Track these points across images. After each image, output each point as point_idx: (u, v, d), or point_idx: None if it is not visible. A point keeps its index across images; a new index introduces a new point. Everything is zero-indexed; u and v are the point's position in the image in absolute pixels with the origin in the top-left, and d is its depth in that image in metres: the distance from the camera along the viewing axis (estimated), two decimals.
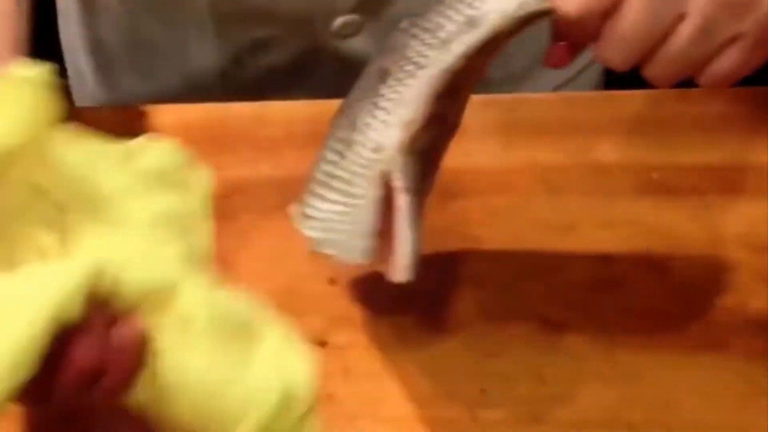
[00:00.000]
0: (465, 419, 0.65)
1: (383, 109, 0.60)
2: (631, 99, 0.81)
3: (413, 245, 0.59)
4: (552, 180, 0.76)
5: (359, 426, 0.66)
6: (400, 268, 0.59)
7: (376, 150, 0.60)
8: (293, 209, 0.62)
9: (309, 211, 0.62)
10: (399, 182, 0.59)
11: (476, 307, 0.69)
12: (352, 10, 0.83)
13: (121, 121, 0.81)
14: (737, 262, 0.72)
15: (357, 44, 0.84)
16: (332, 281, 0.71)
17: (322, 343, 0.69)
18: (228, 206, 0.75)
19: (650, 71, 0.57)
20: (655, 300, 0.70)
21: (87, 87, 0.94)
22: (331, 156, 0.61)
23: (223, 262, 0.73)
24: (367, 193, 0.60)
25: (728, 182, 0.76)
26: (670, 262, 0.72)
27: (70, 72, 0.97)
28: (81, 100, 0.96)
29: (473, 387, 0.66)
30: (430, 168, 0.63)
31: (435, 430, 0.65)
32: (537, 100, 0.81)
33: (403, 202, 0.59)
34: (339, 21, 0.83)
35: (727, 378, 0.66)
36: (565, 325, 0.68)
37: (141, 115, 0.81)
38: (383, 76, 0.60)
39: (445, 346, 0.68)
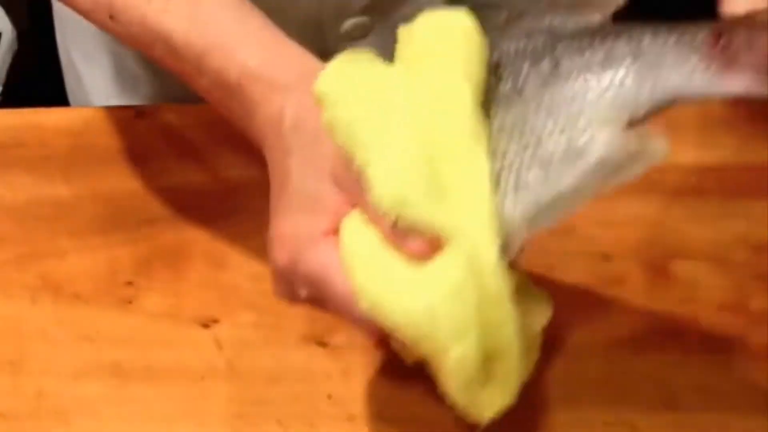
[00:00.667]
0: (465, 419, 0.65)
1: None
2: None
3: None
4: None
5: (359, 426, 0.65)
6: None
7: None
8: None
9: None
10: None
11: None
12: (363, 12, 0.82)
13: (122, 121, 0.81)
14: (737, 262, 0.72)
15: (364, 47, 0.84)
16: None
17: (322, 343, 0.69)
18: (228, 206, 0.75)
19: None
20: (655, 300, 0.70)
21: (85, 90, 0.94)
22: None
23: (223, 262, 0.73)
24: None
25: (728, 182, 0.76)
26: (670, 262, 0.72)
27: (66, 75, 0.97)
28: (77, 103, 0.96)
29: None
30: None
31: (435, 430, 0.65)
32: None
33: None
34: (349, 23, 0.82)
35: (727, 378, 0.66)
36: (565, 325, 0.68)
37: (142, 115, 0.81)
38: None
39: None
